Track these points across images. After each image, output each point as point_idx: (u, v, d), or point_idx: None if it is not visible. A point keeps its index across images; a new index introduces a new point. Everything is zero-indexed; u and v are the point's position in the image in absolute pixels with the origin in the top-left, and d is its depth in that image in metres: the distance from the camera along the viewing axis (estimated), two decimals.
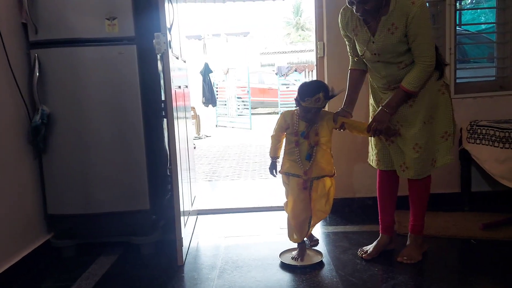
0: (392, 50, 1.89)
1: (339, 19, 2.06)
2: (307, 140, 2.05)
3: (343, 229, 2.60)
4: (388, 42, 1.88)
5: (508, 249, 2.20)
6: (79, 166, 2.28)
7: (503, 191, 2.67)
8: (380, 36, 1.89)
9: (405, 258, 2.06)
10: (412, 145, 1.97)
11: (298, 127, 2.06)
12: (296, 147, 2.07)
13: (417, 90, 1.89)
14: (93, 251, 2.37)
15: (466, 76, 3.09)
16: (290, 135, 2.10)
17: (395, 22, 1.84)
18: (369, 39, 1.93)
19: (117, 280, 2.05)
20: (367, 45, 1.95)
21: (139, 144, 2.30)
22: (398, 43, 1.87)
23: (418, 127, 1.95)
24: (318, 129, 2.05)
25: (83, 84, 2.24)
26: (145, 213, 2.33)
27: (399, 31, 1.85)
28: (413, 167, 1.99)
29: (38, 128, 2.19)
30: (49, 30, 2.21)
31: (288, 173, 2.11)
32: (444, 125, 2.00)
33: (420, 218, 2.10)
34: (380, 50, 1.91)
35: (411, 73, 1.89)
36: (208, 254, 2.35)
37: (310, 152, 2.05)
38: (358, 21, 1.95)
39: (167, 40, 2.06)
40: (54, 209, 2.31)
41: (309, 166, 2.05)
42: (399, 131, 1.99)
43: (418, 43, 1.84)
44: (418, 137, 1.96)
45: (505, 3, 2.88)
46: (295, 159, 2.08)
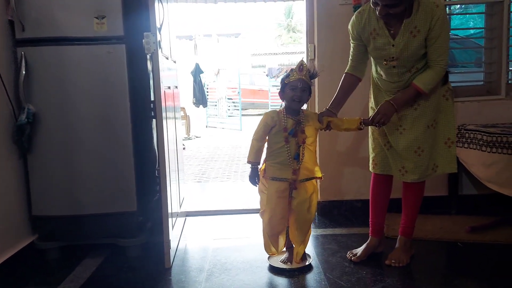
0: (412, 54, 1.88)
1: (353, 22, 2.00)
2: (295, 139, 1.99)
3: (332, 232, 2.60)
4: (410, 45, 1.86)
5: (494, 252, 2.22)
6: (65, 166, 2.24)
7: (490, 195, 2.70)
8: (401, 39, 1.87)
9: (393, 261, 2.05)
10: (414, 148, 1.97)
11: (286, 123, 1.99)
12: (286, 144, 1.98)
13: (428, 92, 1.90)
14: (79, 253, 2.34)
15: (454, 80, 3.11)
16: (277, 134, 1.99)
17: (418, 25, 1.83)
18: (389, 43, 1.90)
19: (103, 283, 2.02)
20: (386, 49, 1.91)
21: (127, 144, 2.27)
22: (419, 46, 1.86)
23: (422, 130, 1.95)
24: (305, 128, 2.00)
25: (71, 83, 2.21)
26: (132, 215, 2.30)
27: (421, 34, 1.84)
28: (413, 170, 1.99)
29: (23, 127, 2.15)
30: (36, 28, 2.17)
31: (275, 178, 2.01)
32: (447, 131, 2.01)
33: (412, 222, 2.11)
34: (400, 54, 1.89)
35: (427, 74, 1.89)
36: (196, 256, 2.33)
37: (297, 152, 1.99)
38: (378, 24, 1.91)
39: (156, 40, 2.04)
40: (38, 210, 2.27)
41: (297, 166, 1.99)
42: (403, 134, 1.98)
43: (438, 46, 1.84)
44: (421, 140, 1.96)
45: (493, 9, 2.91)
46: (284, 160, 1.99)
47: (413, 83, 1.90)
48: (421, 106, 1.95)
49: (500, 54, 2.88)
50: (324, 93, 2.76)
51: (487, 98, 2.92)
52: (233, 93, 11.10)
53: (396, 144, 2.01)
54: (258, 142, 2.02)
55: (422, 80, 1.89)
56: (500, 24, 2.86)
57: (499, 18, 2.87)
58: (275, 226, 2.07)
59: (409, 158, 1.98)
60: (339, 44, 2.73)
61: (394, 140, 2.01)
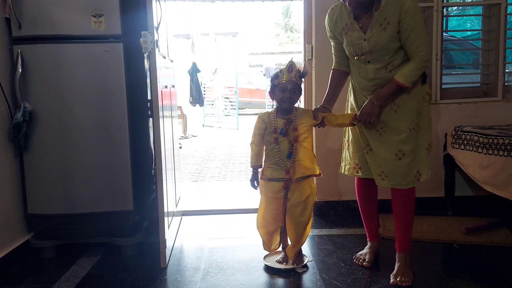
0: (384, 47, 1.82)
1: (326, 20, 2.00)
2: (287, 138, 1.98)
3: (328, 232, 2.60)
4: (381, 38, 1.80)
5: (490, 254, 2.23)
6: (61, 165, 2.23)
7: (486, 196, 2.71)
8: (372, 32, 1.82)
9: (398, 280, 1.90)
10: (395, 151, 1.89)
11: (277, 124, 1.99)
12: (277, 145, 1.99)
13: (409, 86, 1.82)
14: (74, 252, 2.33)
15: (451, 81, 3.12)
16: (268, 135, 2.01)
17: (388, 17, 1.78)
18: (361, 37, 1.85)
19: (98, 282, 2.01)
20: (358, 44, 1.87)
21: (123, 143, 2.26)
22: (390, 39, 1.80)
23: (405, 134, 1.87)
24: (297, 125, 1.99)
25: (67, 81, 2.20)
26: (128, 214, 2.30)
27: (392, 26, 1.78)
28: (393, 175, 1.91)
29: (19, 125, 2.14)
30: (33, 26, 2.16)
31: (272, 179, 2.03)
32: (427, 136, 1.95)
33: (407, 234, 1.98)
34: (372, 48, 1.83)
35: (406, 67, 1.82)
36: (192, 256, 2.32)
37: (290, 150, 1.98)
38: (348, 19, 1.88)
39: (154, 39, 2.03)
40: (34, 209, 2.26)
41: (290, 165, 1.98)
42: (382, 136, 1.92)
43: (414, 38, 1.78)
44: (403, 143, 1.88)
45: (490, 10, 2.92)
46: (276, 161, 1.99)
47: (393, 78, 1.83)
48: (401, 108, 1.88)
49: (497, 56, 2.90)
50: (322, 93, 2.73)
51: (484, 100, 2.93)
52: (230, 92, 11.08)
53: (376, 147, 1.94)
54: (256, 146, 2.06)
55: (401, 73, 1.82)
56: (497, 26, 2.87)
57: (496, 20, 2.88)
58: (266, 225, 2.10)
59: (389, 162, 1.90)
60: None
61: (374, 142, 1.94)
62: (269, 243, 2.16)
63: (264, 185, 2.07)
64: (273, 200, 2.05)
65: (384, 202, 2.24)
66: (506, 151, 2.22)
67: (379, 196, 2.19)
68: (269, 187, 2.04)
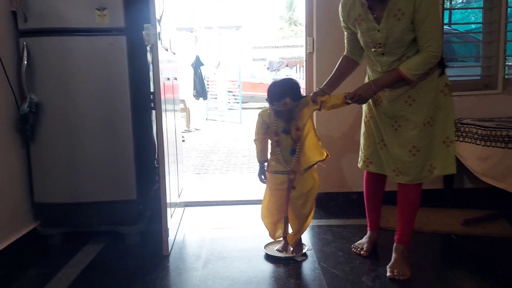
0: (398, 39, 1.78)
1: (340, 11, 1.96)
2: (289, 135, 2.00)
3: (327, 223, 2.64)
4: (395, 29, 1.76)
5: (487, 245, 2.27)
6: (67, 155, 2.28)
7: (485, 188, 2.74)
8: (386, 23, 1.77)
9: (396, 274, 1.90)
10: (409, 148, 1.86)
11: (277, 125, 2.01)
12: (278, 147, 2.02)
13: (413, 79, 1.77)
14: (80, 239, 2.39)
15: (453, 74, 3.13)
16: (271, 134, 2.06)
17: (402, 7, 1.73)
18: (374, 28, 1.81)
19: (103, 268, 2.07)
20: (372, 35, 1.83)
21: (127, 134, 2.31)
22: (405, 30, 1.75)
23: (418, 128, 1.84)
24: (299, 123, 1.99)
25: (72, 73, 2.24)
26: (131, 203, 2.35)
27: (406, 17, 1.73)
28: (408, 171, 1.89)
29: (26, 116, 2.19)
30: (39, 19, 2.20)
31: (277, 172, 2.07)
32: (445, 129, 1.89)
33: (409, 229, 1.99)
34: (386, 39, 1.79)
35: (413, 59, 1.77)
36: (193, 245, 2.38)
37: (294, 147, 2.00)
38: (362, 9, 1.84)
39: (156, 32, 2.07)
40: (41, 198, 2.32)
41: (293, 162, 2.01)
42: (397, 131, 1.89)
43: (425, 30, 1.73)
44: (417, 139, 1.85)
45: (492, 3, 2.93)
46: (278, 158, 2.04)
47: (398, 67, 1.80)
48: (416, 102, 1.84)
49: (498, 49, 2.91)
50: None
51: (484, 92, 2.95)
52: (234, 86, 11.10)
53: (390, 142, 1.92)
54: (260, 142, 2.12)
55: (407, 64, 1.77)
56: (498, 19, 2.88)
57: (497, 12, 2.89)
58: (270, 215, 2.15)
59: (403, 158, 1.88)
60: (338, 37, 2.70)
61: (388, 137, 1.93)
62: (273, 232, 2.21)
63: (268, 177, 2.12)
64: (276, 191, 2.09)
65: (386, 194, 2.25)
66: (504, 142, 2.25)
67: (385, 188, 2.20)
68: (273, 179, 2.09)
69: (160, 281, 1.94)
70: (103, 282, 1.94)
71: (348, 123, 2.90)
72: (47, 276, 1.98)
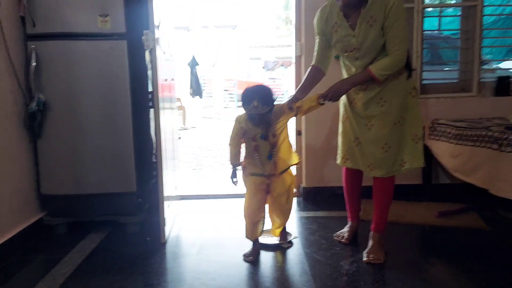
0: (371, 44, 1.94)
1: (317, 17, 2.11)
2: (267, 141, 2.09)
3: (313, 214, 2.85)
4: (368, 35, 1.92)
5: (457, 235, 2.47)
6: (72, 150, 2.47)
7: (460, 184, 2.94)
8: (360, 29, 1.94)
9: (371, 258, 2.09)
10: (381, 145, 2.04)
11: (255, 131, 2.08)
12: (256, 152, 2.10)
13: (381, 79, 1.94)
14: (84, 228, 2.58)
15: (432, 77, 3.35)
16: (248, 142, 2.13)
17: (374, 14, 1.90)
18: (350, 34, 1.98)
19: (105, 255, 2.26)
20: (347, 40, 1.99)
21: (127, 131, 2.50)
22: (377, 35, 1.92)
23: (389, 127, 2.02)
24: (275, 129, 2.09)
25: (77, 75, 2.43)
26: (131, 195, 2.55)
27: (378, 24, 1.91)
28: (381, 166, 2.07)
29: (34, 114, 2.38)
30: (46, 24, 2.39)
31: (254, 174, 2.15)
32: (414, 127, 2.07)
33: (384, 217, 2.18)
34: (360, 45, 1.96)
35: (382, 61, 1.94)
36: (189, 234, 2.57)
37: (271, 153, 2.09)
38: (338, 17, 2.01)
39: (155, 38, 2.26)
40: (47, 190, 2.50)
41: (270, 166, 2.11)
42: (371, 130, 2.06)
43: (393, 34, 1.90)
44: (388, 137, 2.03)
45: (468, 12, 3.14)
46: (255, 163, 2.12)
47: (368, 68, 1.96)
48: (387, 102, 2.01)
49: (473, 54, 3.12)
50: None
51: (460, 95, 3.16)
52: (229, 85, 11.30)
53: (364, 140, 2.10)
54: (234, 147, 2.19)
55: (376, 65, 1.94)
56: (473, 27, 3.10)
57: (473, 21, 3.10)
58: (252, 215, 2.19)
59: (376, 154, 2.06)
60: None
61: (363, 136, 2.10)
62: (252, 231, 2.23)
63: (247, 179, 2.22)
64: (256, 191, 2.18)
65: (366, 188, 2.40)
66: (472, 141, 2.46)
67: (364, 183, 2.36)
68: (252, 180, 2.18)
69: (158, 265, 2.13)
70: (106, 266, 2.13)
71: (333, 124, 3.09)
72: (54, 261, 2.17)
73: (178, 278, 2.00)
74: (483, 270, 2.02)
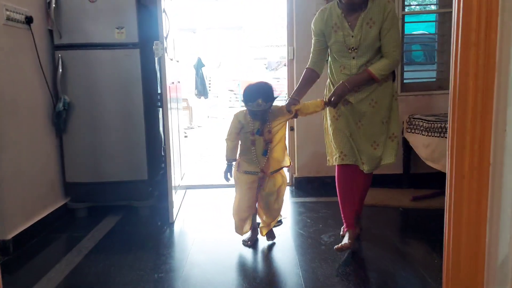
0: (369, 44, 2.07)
1: (316, 19, 2.21)
2: (262, 137, 2.16)
3: (304, 200, 3.22)
4: (368, 35, 2.06)
5: (428, 216, 2.82)
6: (92, 143, 2.87)
7: (436, 172, 3.29)
8: (359, 30, 2.07)
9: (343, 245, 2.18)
10: (370, 143, 2.17)
11: (254, 126, 2.16)
12: (253, 146, 2.17)
13: (380, 78, 2.08)
14: (102, 212, 2.97)
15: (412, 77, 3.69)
16: (246, 134, 2.18)
17: (373, 17, 2.05)
18: (349, 34, 2.10)
19: (122, 233, 2.66)
20: (347, 40, 2.11)
21: (140, 127, 2.89)
22: (375, 37, 2.06)
23: (378, 126, 2.16)
24: (272, 126, 2.16)
25: (96, 79, 2.83)
26: (143, 183, 2.94)
27: (376, 26, 2.06)
28: (368, 162, 2.19)
29: (60, 113, 2.77)
30: (70, 36, 2.79)
31: (247, 172, 2.22)
32: (393, 127, 2.20)
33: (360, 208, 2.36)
34: (359, 44, 2.08)
35: (380, 62, 2.08)
36: (194, 217, 2.95)
37: (266, 148, 2.17)
38: (338, 18, 2.13)
39: (163, 47, 2.65)
40: (71, 178, 2.91)
41: (265, 162, 2.18)
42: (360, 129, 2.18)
43: (390, 38, 2.05)
44: (377, 135, 2.17)
45: (444, 17, 3.49)
46: (251, 158, 2.18)
47: (367, 69, 2.09)
48: (378, 104, 2.15)
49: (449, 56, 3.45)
50: None
51: (437, 92, 3.51)
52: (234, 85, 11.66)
53: (355, 138, 2.20)
54: (232, 142, 2.25)
55: (375, 66, 2.08)
56: (449, 31, 3.43)
57: (449, 25, 3.44)
58: (241, 212, 2.31)
59: (366, 151, 2.19)
60: None
61: (354, 134, 2.20)
62: (242, 227, 2.37)
63: (239, 177, 2.26)
64: (248, 190, 2.25)
65: None
66: (438, 132, 2.81)
67: None
68: (245, 178, 2.24)
69: (167, 240, 2.53)
70: (123, 242, 2.52)
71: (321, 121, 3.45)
72: (78, 238, 2.56)
73: (184, 249, 2.39)
74: None
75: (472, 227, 1.20)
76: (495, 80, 1.12)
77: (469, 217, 1.21)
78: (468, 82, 1.15)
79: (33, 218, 2.58)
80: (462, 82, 1.15)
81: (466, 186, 1.20)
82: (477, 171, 1.17)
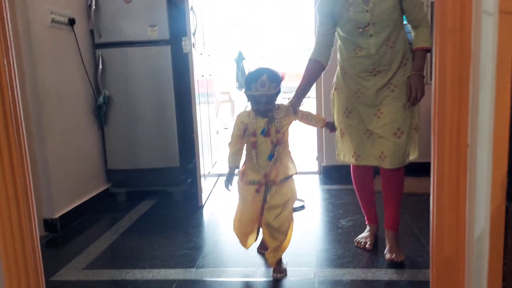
0: (387, 17, 1.88)
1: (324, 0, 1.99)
2: (268, 138, 1.83)
3: (329, 188, 3.33)
4: (384, 7, 1.87)
5: None
6: (130, 134, 3.13)
7: None
8: (374, 3, 1.87)
9: (394, 256, 2.01)
10: (394, 130, 1.93)
11: (256, 125, 1.83)
12: (253, 149, 1.84)
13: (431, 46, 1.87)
14: (139, 196, 3.24)
15: None
16: (248, 137, 1.87)
17: None
18: (363, 9, 1.89)
19: (156, 215, 2.90)
20: (361, 16, 1.90)
21: (172, 119, 3.12)
22: (392, 8, 1.87)
23: (400, 112, 1.93)
24: (281, 127, 1.86)
25: (132, 74, 3.08)
26: (176, 169, 3.18)
27: None
28: (393, 154, 1.94)
29: (100, 106, 3.05)
30: (108, 35, 3.05)
31: (252, 182, 1.89)
32: (415, 116, 1.98)
33: (397, 213, 2.07)
34: (375, 19, 1.88)
35: (422, 33, 1.92)
36: (223, 202, 3.14)
37: (272, 152, 1.83)
38: None
39: (191, 43, 2.83)
40: (111, 165, 3.19)
41: (269, 167, 1.84)
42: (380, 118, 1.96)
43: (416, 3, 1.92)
44: (400, 121, 1.93)
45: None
46: (253, 164, 1.86)
47: (417, 47, 1.92)
48: (398, 88, 1.94)
49: None
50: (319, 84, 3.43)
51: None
52: None
53: (375, 128, 1.97)
54: (234, 146, 1.91)
55: (422, 39, 1.92)
56: None
57: None
58: (243, 227, 2.02)
59: (389, 142, 1.94)
60: None
61: (373, 125, 1.98)
62: (245, 241, 2.08)
63: (243, 188, 1.95)
64: (252, 204, 1.93)
65: None
66: None
67: None
68: (249, 189, 1.91)
69: (196, 221, 2.74)
70: (156, 222, 2.76)
71: None
72: (117, 219, 2.83)
73: (209, 230, 2.59)
74: None
75: (454, 206, 1.28)
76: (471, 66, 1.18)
77: (450, 195, 1.29)
78: (446, 69, 1.21)
79: (78, 200, 2.88)
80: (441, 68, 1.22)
81: (447, 166, 1.27)
82: (455, 151, 1.24)
